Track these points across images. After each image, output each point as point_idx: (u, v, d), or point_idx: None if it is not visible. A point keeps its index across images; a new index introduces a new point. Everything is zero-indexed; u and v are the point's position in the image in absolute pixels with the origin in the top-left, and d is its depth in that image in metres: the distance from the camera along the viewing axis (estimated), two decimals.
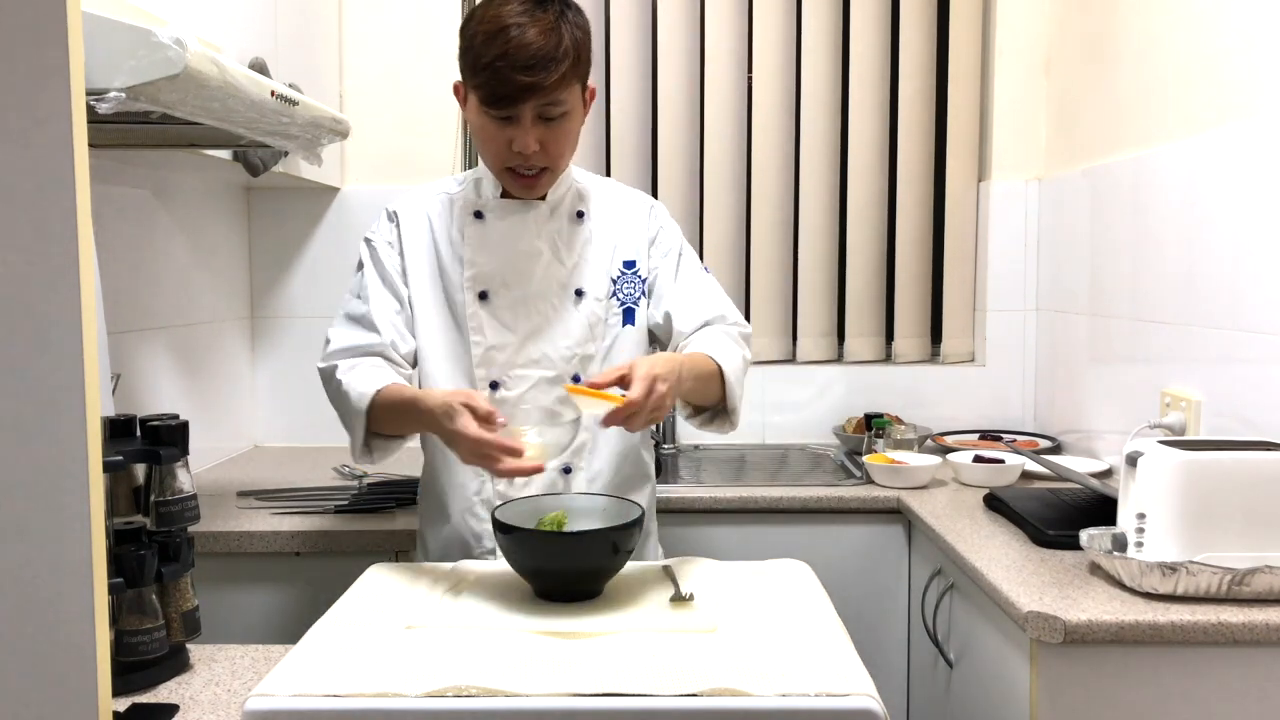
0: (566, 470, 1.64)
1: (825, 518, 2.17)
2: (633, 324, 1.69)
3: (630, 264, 1.69)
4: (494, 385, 1.63)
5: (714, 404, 1.60)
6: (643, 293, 1.69)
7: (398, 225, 1.73)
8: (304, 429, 2.75)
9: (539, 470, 1.39)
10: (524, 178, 1.60)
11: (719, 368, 1.56)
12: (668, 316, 1.67)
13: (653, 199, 1.77)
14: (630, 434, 1.62)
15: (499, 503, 1.43)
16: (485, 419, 1.37)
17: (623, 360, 1.61)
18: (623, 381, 1.38)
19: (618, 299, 1.68)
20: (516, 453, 1.35)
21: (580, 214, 1.68)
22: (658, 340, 1.71)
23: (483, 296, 1.64)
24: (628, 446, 1.67)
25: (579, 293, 1.65)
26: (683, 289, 1.69)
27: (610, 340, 1.67)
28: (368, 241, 1.74)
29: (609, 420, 1.36)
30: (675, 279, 1.70)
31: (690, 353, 1.58)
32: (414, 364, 1.69)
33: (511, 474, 1.38)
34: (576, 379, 1.62)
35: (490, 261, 1.65)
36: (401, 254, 1.71)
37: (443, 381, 1.65)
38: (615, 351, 1.67)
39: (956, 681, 1.82)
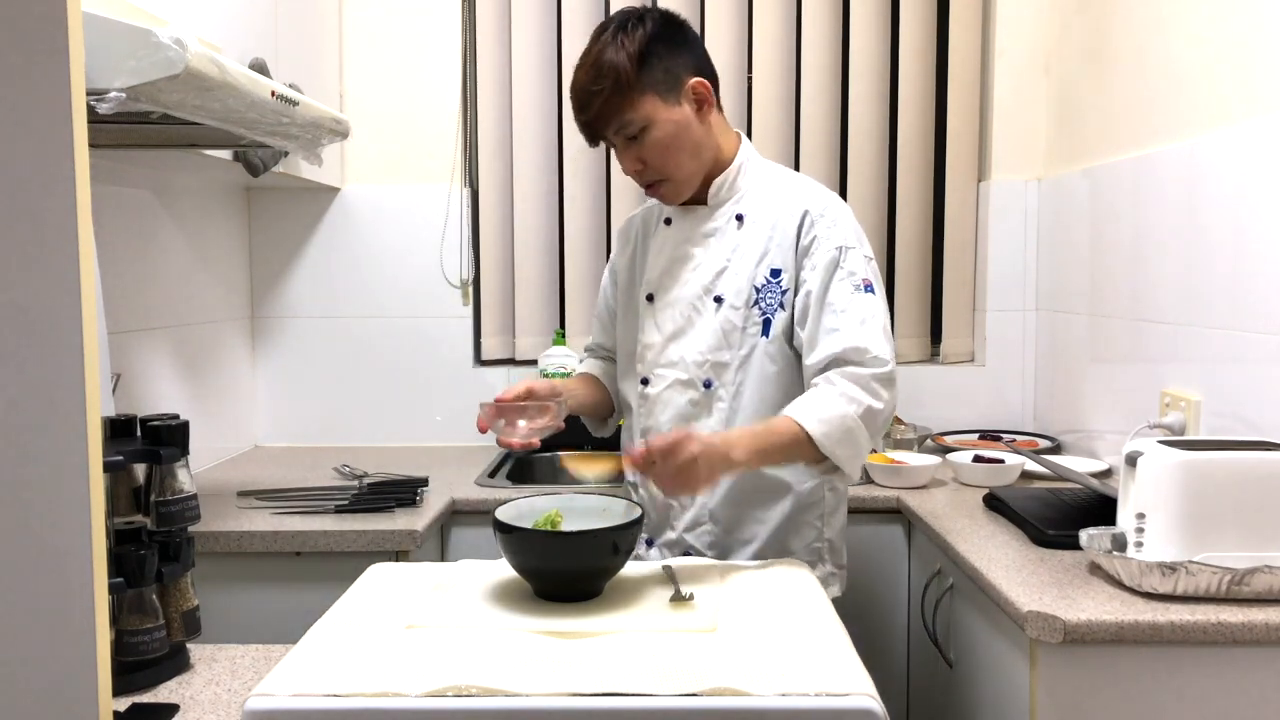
0: None
1: None
2: (768, 336, 1.64)
3: (776, 272, 1.64)
4: (644, 381, 1.73)
5: (820, 459, 1.54)
6: (781, 304, 1.64)
7: (620, 239, 1.90)
8: (304, 429, 2.75)
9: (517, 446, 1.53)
10: (649, 189, 1.69)
11: (803, 431, 1.49)
12: (801, 346, 1.63)
13: (820, 202, 1.66)
14: None
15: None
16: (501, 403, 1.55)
17: (755, 369, 1.64)
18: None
19: (759, 308, 1.65)
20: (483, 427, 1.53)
21: (740, 217, 1.68)
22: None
23: (650, 298, 1.74)
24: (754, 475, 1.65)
25: (718, 299, 1.67)
26: (823, 316, 1.60)
27: (747, 350, 1.65)
28: None
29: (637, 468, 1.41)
30: (819, 302, 1.60)
31: (771, 420, 1.55)
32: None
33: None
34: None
35: (658, 265, 1.74)
36: (614, 265, 1.89)
37: (626, 376, 1.80)
38: (751, 361, 1.65)
39: (956, 681, 1.82)
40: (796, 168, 2.75)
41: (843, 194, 2.76)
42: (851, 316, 1.58)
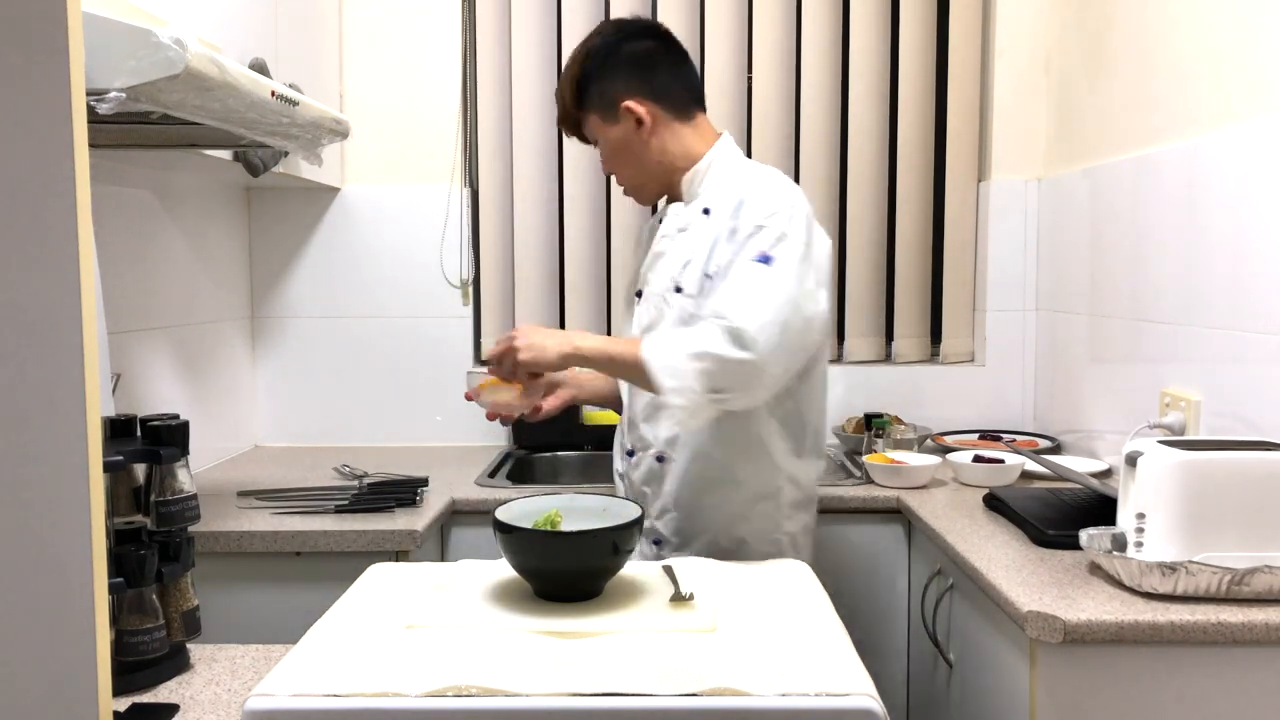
0: (660, 459, 1.77)
1: (825, 518, 2.16)
2: None
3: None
4: None
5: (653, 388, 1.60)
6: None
7: (636, 242, 2.03)
8: (304, 429, 2.75)
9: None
10: (625, 192, 1.88)
11: (641, 352, 1.58)
12: None
13: (755, 187, 1.68)
14: (700, 435, 1.70)
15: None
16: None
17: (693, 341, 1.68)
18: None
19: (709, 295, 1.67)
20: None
21: (707, 211, 1.72)
22: None
23: (639, 294, 1.82)
24: (698, 445, 1.72)
25: (679, 289, 1.72)
26: (719, 286, 1.63)
27: None
28: None
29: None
30: (722, 276, 1.64)
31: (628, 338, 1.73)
32: None
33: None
34: None
35: (645, 263, 1.82)
36: (632, 267, 1.95)
37: None
38: None
39: (956, 681, 1.82)
40: (796, 167, 2.75)
41: (843, 194, 2.77)
42: (735, 284, 1.59)
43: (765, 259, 1.59)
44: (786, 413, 1.72)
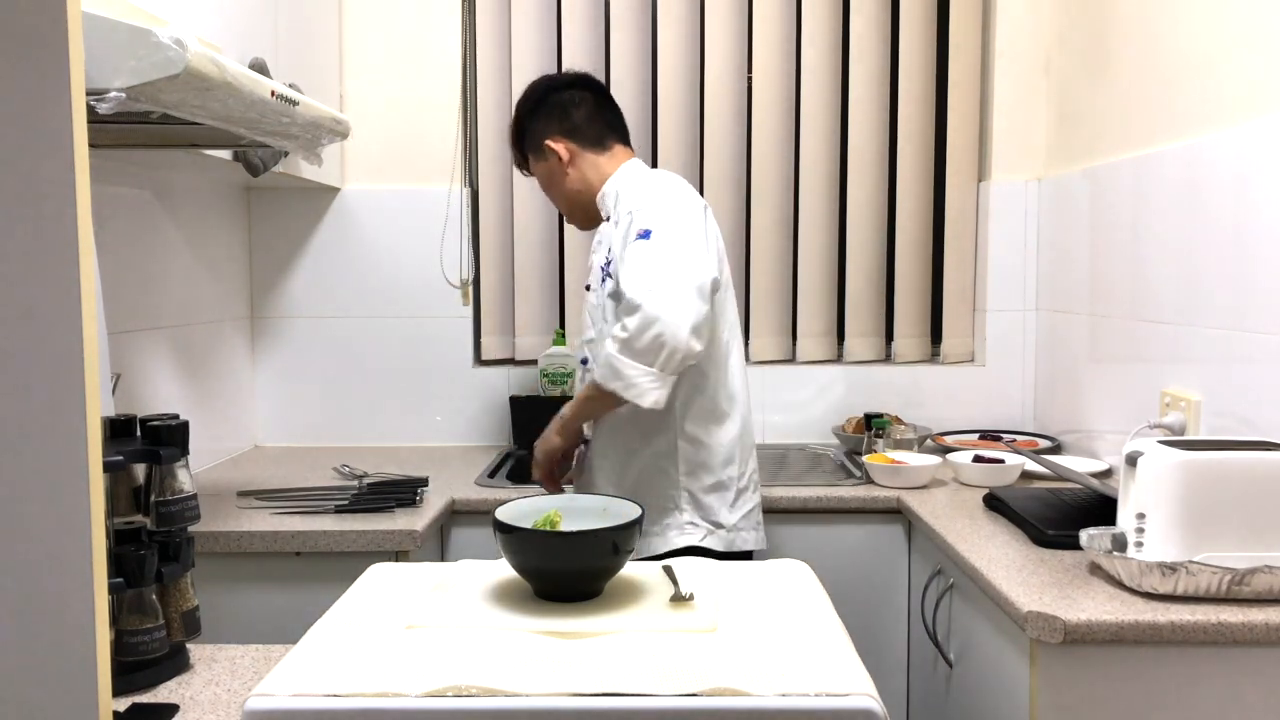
0: (585, 443, 2.02)
1: (825, 518, 2.17)
2: (613, 310, 1.90)
3: (610, 255, 1.92)
4: (584, 361, 2.06)
5: (615, 400, 1.80)
6: (609, 274, 1.92)
7: None
8: (304, 429, 2.75)
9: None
10: None
11: (590, 384, 1.84)
12: None
13: (638, 190, 1.89)
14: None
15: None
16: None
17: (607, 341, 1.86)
18: None
19: (606, 288, 1.93)
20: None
21: (611, 220, 1.95)
22: None
23: (588, 288, 2.06)
24: (611, 420, 1.94)
25: (588, 287, 2.04)
26: (619, 270, 1.84)
27: (597, 330, 1.97)
28: None
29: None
30: (620, 260, 1.84)
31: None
32: None
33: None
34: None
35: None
36: None
37: None
38: (604, 335, 1.91)
39: (956, 681, 1.82)
40: (796, 168, 2.76)
41: (842, 194, 2.77)
42: (625, 264, 1.81)
43: (645, 234, 1.81)
44: (690, 372, 1.86)
